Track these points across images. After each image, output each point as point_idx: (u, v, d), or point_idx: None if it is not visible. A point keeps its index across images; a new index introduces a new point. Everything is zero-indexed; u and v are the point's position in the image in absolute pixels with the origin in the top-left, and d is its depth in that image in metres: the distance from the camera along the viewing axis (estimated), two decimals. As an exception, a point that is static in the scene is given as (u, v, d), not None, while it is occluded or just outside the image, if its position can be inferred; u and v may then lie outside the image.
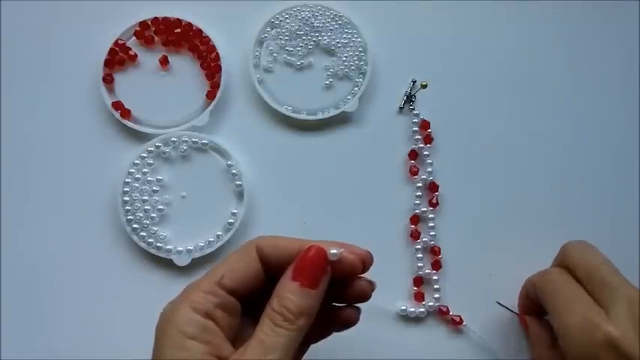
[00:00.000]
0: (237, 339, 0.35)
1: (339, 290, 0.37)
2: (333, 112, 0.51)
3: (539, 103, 0.52)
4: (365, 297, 0.38)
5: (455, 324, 0.48)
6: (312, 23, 0.52)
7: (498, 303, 0.48)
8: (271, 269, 0.36)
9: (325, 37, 0.52)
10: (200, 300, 0.34)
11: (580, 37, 0.53)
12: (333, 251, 0.35)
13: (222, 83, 0.50)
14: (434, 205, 0.50)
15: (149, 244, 0.49)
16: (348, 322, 0.39)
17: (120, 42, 0.51)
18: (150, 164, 0.50)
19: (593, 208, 0.51)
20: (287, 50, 0.52)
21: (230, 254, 0.37)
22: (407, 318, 0.49)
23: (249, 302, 0.36)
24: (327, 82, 0.52)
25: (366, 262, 0.37)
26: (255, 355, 0.32)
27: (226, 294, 0.35)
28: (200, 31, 0.51)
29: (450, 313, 0.48)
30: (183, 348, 0.32)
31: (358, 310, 0.39)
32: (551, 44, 0.53)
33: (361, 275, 0.38)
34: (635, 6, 0.53)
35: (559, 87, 0.52)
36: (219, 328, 0.34)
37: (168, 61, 0.51)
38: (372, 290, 0.38)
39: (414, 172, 0.51)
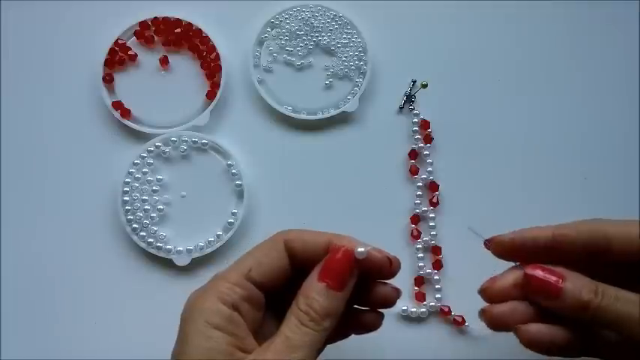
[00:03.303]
0: (259, 331, 0.35)
1: (363, 293, 0.37)
2: (333, 112, 0.51)
3: (540, 102, 0.52)
4: (390, 303, 0.38)
5: (457, 324, 0.48)
6: (312, 23, 0.52)
7: (470, 229, 0.41)
8: (298, 263, 0.36)
9: (325, 37, 0.52)
10: (227, 291, 0.34)
11: (580, 36, 0.53)
12: (361, 249, 0.35)
13: (222, 83, 0.50)
14: (434, 204, 0.50)
15: (149, 244, 0.49)
16: (371, 327, 0.39)
17: (120, 42, 0.51)
18: (150, 164, 0.50)
19: (596, 207, 0.50)
20: (287, 50, 0.52)
21: (257, 246, 0.37)
22: (408, 318, 0.49)
23: (272, 295, 0.36)
24: (327, 82, 0.52)
25: (393, 264, 0.36)
26: (280, 351, 0.32)
27: (253, 287, 0.35)
28: (200, 31, 0.51)
29: (452, 314, 0.48)
30: (209, 338, 0.32)
31: (381, 315, 0.39)
32: (551, 44, 0.53)
33: (387, 282, 0.37)
34: (635, 6, 0.53)
35: (559, 86, 0.52)
36: (244, 320, 0.34)
37: (168, 61, 0.51)
38: (398, 297, 0.38)
39: (414, 171, 0.51)
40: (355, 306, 0.38)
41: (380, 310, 0.39)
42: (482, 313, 0.35)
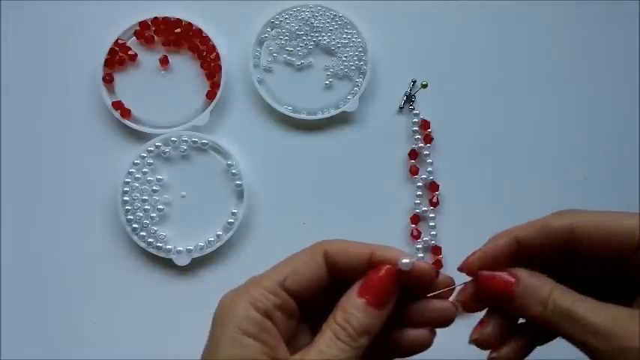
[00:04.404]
0: (292, 343, 0.34)
1: (411, 312, 0.35)
2: (333, 112, 0.51)
3: (540, 102, 0.52)
4: (447, 321, 0.35)
5: None
6: (312, 23, 0.52)
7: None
8: (337, 275, 0.35)
9: (325, 37, 0.52)
10: (261, 298, 0.33)
11: (580, 36, 0.53)
12: (405, 260, 0.33)
13: (222, 83, 0.50)
14: (434, 204, 0.50)
15: (149, 244, 0.49)
16: (421, 346, 0.35)
17: (120, 42, 0.51)
18: (150, 164, 0.50)
19: (596, 208, 0.50)
20: (287, 50, 0.52)
21: (296, 254, 0.35)
22: (407, 318, 0.49)
23: (307, 306, 0.35)
24: (327, 82, 0.52)
25: (440, 277, 0.34)
26: None
27: (287, 296, 0.34)
28: (200, 31, 0.51)
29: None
30: (240, 344, 0.32)
31: (433, 332, 0.35)
32: (551, 44, 0.53)
33: (442, 296, 0.35)
34: (635, 6, 0.53)
35: (559, 87, 0.52)
36: (276, 329, 0.33)
37: (168, 61, 0.51)
38: (457, 312, 0.35)
39: (414, 171, 0.51)
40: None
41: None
42: None
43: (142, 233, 0.49)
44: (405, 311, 0.34)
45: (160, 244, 0.49)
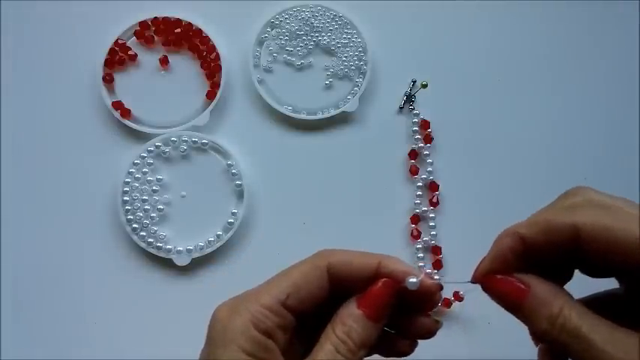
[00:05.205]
0: (285, 353, 0.34)
1: (400, 321, 0.35)
2: (333, 112, 0.51)
3: (539, 102, 0.52)
4: (429, 335, 0.35)
5: (457, 299, 0.49)
6: (312, 23, 0.52)
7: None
8: (338, 286, 0.34)
9: (325, 37, 0.52)
10: (261, 318, 0.32)
11: (580, 36, 0.53)
12: (413, 280, 0.32)
13: (222, 83, 0.50)
14: (434, 204, 0.50)
15: (149, 244, 0.49)
16: (402, 354, 0.36)
17: (120, 42, 0.51)
18: (150, 164, 0.50)
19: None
20: (287, 50, 0.52)
21: (297, 266, 0.34)
22: (407, 318, 0.49)
23: (303, 317, 0.34)
24: (327, 82, 0.52)
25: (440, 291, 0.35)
26: None
27: (288, 314, 0.33)
28: (200, 31, 0.51)
29: (452, 303, 0.49)
30: None
31: (415, 343, 0.36)
32: (551, 44, 0.53)
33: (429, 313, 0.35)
34: (635, 6, 0.53)
35: (559, 86, 0.52)
36: (277, 346, 0.33)
37: (168, 61, 0.51)
38: (438, 328, 0.35)
39: (414, 171, 0.51)
40: (386, 329, 0.36)
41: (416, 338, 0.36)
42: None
43: (142, 233, 0.49)
44: (391, 322, 0.34)
45: (160, 244, 0.49)
